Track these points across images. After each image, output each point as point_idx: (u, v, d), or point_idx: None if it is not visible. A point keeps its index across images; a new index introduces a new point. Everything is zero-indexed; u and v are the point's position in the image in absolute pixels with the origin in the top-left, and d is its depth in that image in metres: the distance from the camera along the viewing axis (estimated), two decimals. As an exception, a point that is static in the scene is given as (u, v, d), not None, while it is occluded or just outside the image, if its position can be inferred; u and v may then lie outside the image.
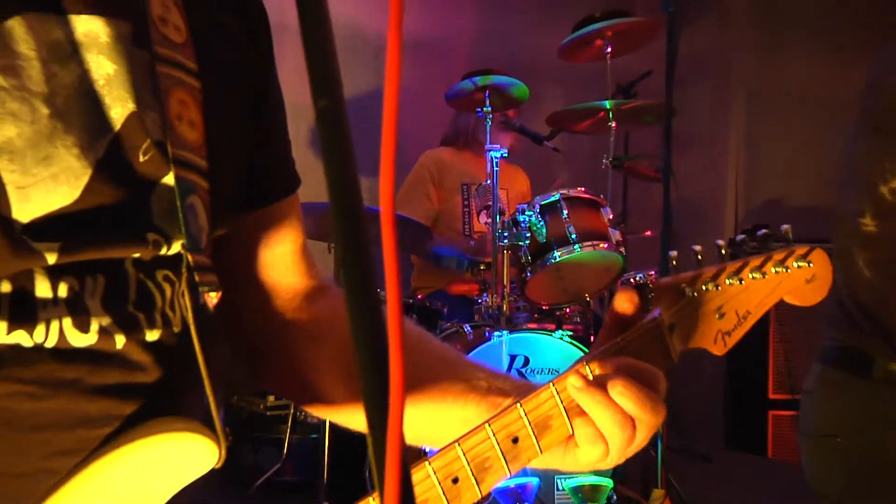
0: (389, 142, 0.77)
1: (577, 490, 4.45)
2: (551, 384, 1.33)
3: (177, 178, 1.27)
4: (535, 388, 1.35)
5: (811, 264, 1.46)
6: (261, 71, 1.52)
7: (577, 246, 4.67)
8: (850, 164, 2.65)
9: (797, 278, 1.46)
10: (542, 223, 4.78)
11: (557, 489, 4.46)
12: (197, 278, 1.31)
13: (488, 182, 4.96)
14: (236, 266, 1.55)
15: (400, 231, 1.64)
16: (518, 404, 1.33)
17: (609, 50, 5.59)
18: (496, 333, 4.47)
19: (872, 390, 2.61)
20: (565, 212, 4.74)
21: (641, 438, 1.33)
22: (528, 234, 4.77)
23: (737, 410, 6.80)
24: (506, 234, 4.79)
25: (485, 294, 5.02)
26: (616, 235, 4.80)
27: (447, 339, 4.61)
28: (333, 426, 4.67)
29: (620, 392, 1.28)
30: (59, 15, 1.20)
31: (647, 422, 1.31)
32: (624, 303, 1.40)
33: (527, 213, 4.83)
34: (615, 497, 4.51)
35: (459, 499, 1.32)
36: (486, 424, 1.32)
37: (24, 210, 1.15)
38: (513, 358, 4.41)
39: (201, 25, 1.35)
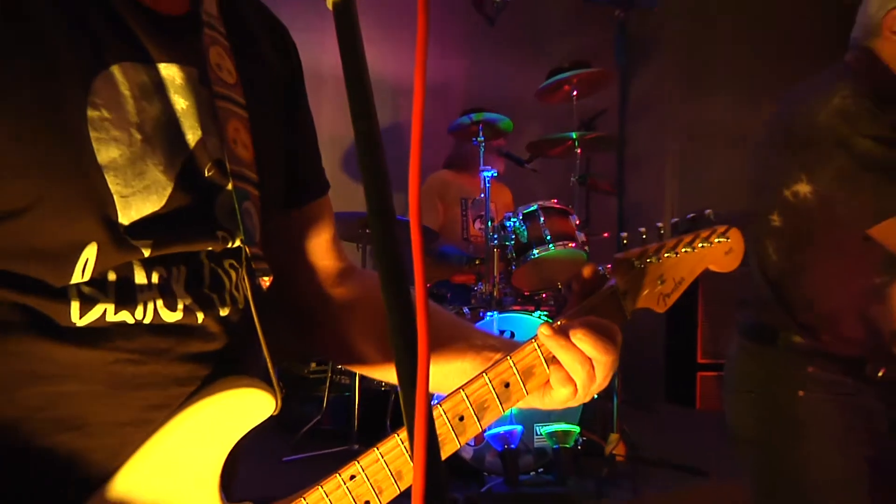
0: (416, 157, 0.77)
1: (552, 434, 4.45)
2: (534, 340, 1.34)
3: (234, 187, 1.29)
4: (519, 345, 1.36)
5: (728, 239, 1.47)
6: (293, 96, 1.52)
7: (551, 245, 4.70)
8: (763, 175, 2.66)
9: (718, 250, 1.47)
10: (524, 227, 4.81)
11: (536, 434, 4.47)
12: (253, 266, 1.33)
13: (482, 196, 5.00)
14: (284, 253, 1.55)
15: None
16: (508, 357, 1.34)
17: (575, 93, 5.58)
18: (489, 314, 4.49)
19: (777, 356, 2.64)
20: (542, 218, 4.77)
21: (601, 378, 1.34)
22: (514, 236, 4.81)
23: (673, 371, 6.84)
24: (495, 237, 4.87)
25: (479, 283, 5.04)
26: (581, 237, 4.83)
27: (450, 318, 4.61)
28: (363, 386, 4.69)
29: (579, 338, 1.30)
30: (147, 63, 1.22)
31: (603, 362, 1.32)
32: (587, 273, 1.42)
33: (512, 219, 4.87)
34: (581, 440, 4.51)
35: (465, 433, 1.33)
36: (484, 373, 1.33)
37: (126, 215, 1.16)
38: (501, 332, 4.40)
39: (246, 68, 1.37)
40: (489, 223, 4.92)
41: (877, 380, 2.60)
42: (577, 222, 4.88)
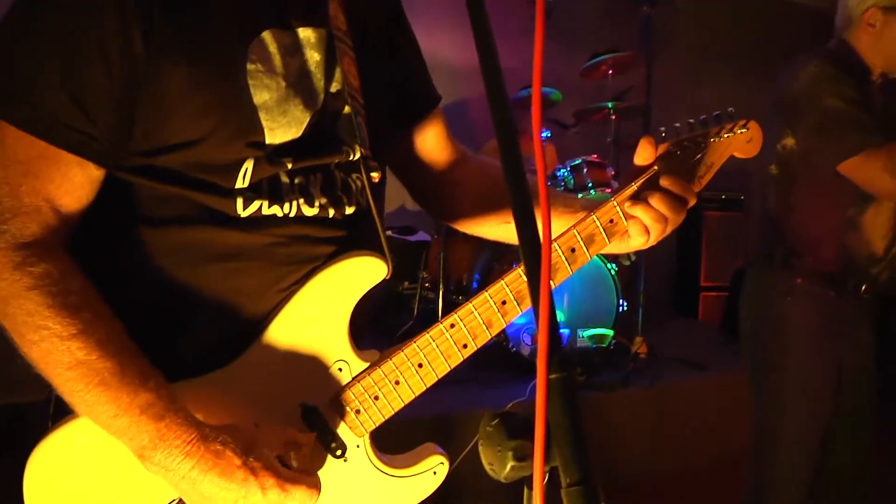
0: (537, 111, 0.77)
1: (591, 337, 4.45)
2: (613, 200, 1.35)
3: (351, 110, 1.32)
4: (601, 204, 1.36)
5: (749, 130, 1.42)
6: (396, 27, 1.53)
7: (592, 191, 4.62)
8: (764, 135, 2.70)
9: (741, 139, 1.42)
10: (571, 177, 4.75)
11: (579, 337, 4.45)
12: (367, 164, 1.34)
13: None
14: (407, 162, 1.59)
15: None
16: (593, 215, 1.34)
17: (610, 72, 5.51)
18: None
19: (773, 272, 2.70)
20: (585, 170, 4.70)
21: (669, 230, 1.35)
22: (563, 184, 4.75)
23: (681, 290, 6.82)
24: (549, 184, 4.74)
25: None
26: (615, 185, 4.73)
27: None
28: (445, 301, 4.65)
29: (657, 201, 1.31)
30: (289, 29, 1.24)
31: (674, 219, 1.33)
32: (644, 149, 1.37)
33: (562, 171, 4.80)
34: (613, 342, 4.51)
35: (576, 262, 1.34)
36: (573, 228, 1.34)
37: (273, 141, 1.21)
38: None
39: (355, 17, 1.36)
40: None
41: (860, 294, 2.60)
42: (612, 173, 4.81)
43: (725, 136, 1.41)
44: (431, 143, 1.60)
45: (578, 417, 0.77)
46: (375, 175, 1.35)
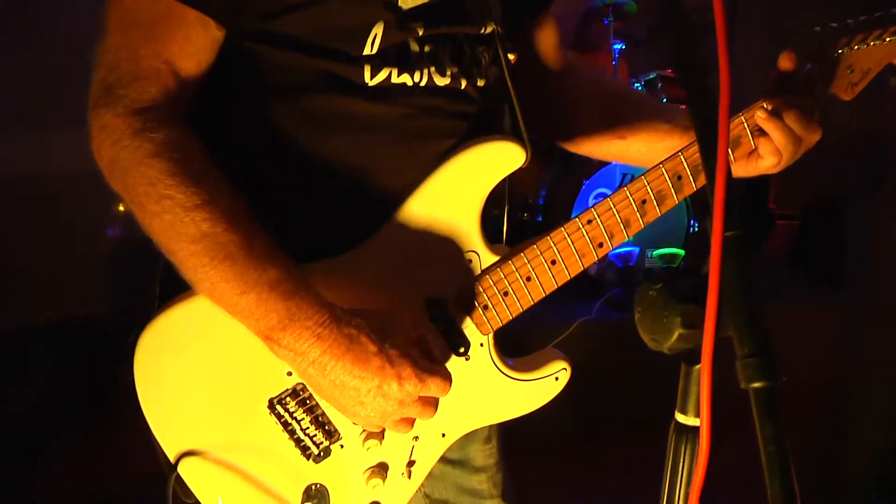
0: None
1: (661, 256, 4.35)
2: (742, 115, 1.26)
3: None
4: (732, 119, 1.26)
5: None
6: None
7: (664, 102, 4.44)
8: None
9: None
10: (645, 91, 4.61)
11: (648, 256, 4.36)
12: (503, 44, 1.26)
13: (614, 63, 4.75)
14: (532, 51, 1.49)
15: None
16: None
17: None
18: (614, 159, 4.29)
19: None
20: (659, 84, 4.56)
21: (802, 151, 1.27)
22: (637, 97, 4.58)
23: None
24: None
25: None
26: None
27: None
28: (511, 216, 4.53)
29: (793, 119, 1.21)
30: None
31: (809, 139, 1.25)
32: (785, 61, 1.28)
33: (636, 84, 4.67)
34: (682, 262, 4.41)
35: (682, 191, 1.26)
36: (680, 155, 1.24)
37: (405, 3, 1.12)
38: (623, 175, 4.27)
39: None
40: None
41: None
42: (688, 90, 4.63)
43: (888, 39, 1.27)
44: (548, 42, 1.50)
45: (754, 283, 0.71)
46: (512, 55, 1.26)
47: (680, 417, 0.91)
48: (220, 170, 1.06)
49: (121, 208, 3.62)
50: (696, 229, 4.48)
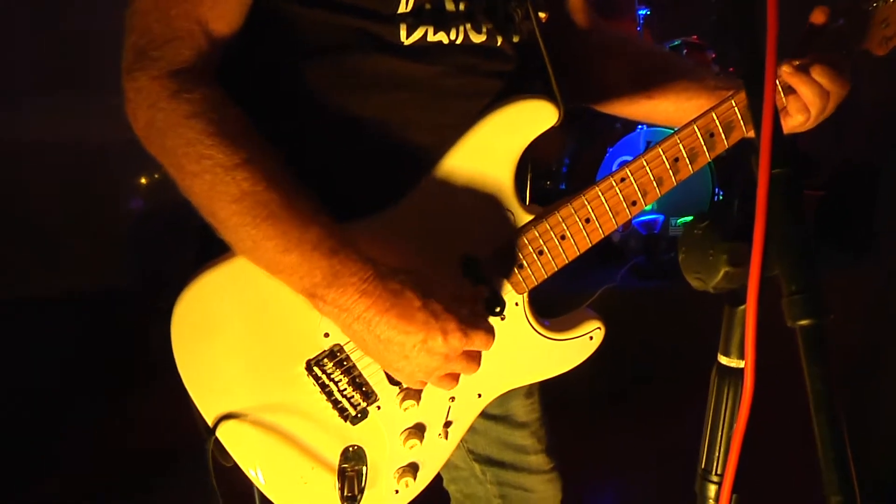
0: None
1: (686, 224, 4.30)
2: None
3: None
4: None
5: None
6: None
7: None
8: None
9: None
10: (670, 56, 4.52)
11: (672, 224, 4.32)
12: (536, 7, 1.24)
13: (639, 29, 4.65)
14: (561, 10, 1.46)
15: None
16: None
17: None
18: (638, 126, 4.21)
19: None
20: (684, 51, 4.45)
21: (831, 109, 1.22)
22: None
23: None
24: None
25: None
26: (715, 69, 4.47)
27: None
28: (534, 183, 4.49)
29: (819, 73, 1.17)
30: None
31: (838, 94, 1.21)
32: (819, 15, 1.24)
33: (660, 51, 4.55)
34: (708, 231, 4.35)
35: (714, 148, 1.23)
36: (731, 98, 1.21)
37: None
38: (648, 142, 4.21)
39: None
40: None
41: None
42: (713, 56, 4.53)
43: None
44: (575, 0, 1.47)
45: (802, 220, 0.69)
46: (543, 14, 1.25)
47: (723, 360, 0.90)
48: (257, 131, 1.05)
49: (143, 181, 3.65)
50: (721, 197, 4.43)
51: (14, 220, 3.31)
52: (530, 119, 1.18)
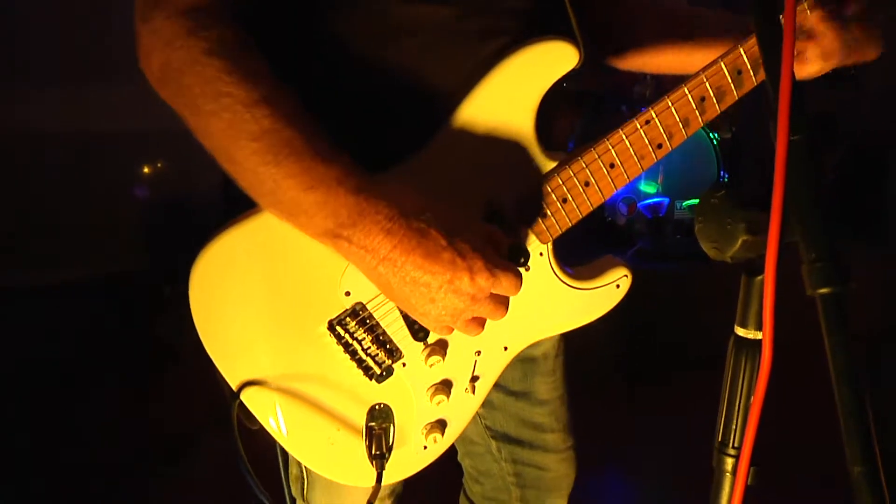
0: None
1: (691, 208, 4.29)
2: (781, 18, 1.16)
3: None
4: None
5: None
6: None
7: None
8: None
9: None
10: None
11: (677, 208, 4.29)
12: None
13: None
14: None
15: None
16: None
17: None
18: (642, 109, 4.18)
19: None
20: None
21: (852, 60, 1.15)
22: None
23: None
24: None
25: (636, 84, 4.66)
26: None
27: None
28: None
29: (858, 30, 1.10)
30: None
31: (867, 56, 1.15)
32: None
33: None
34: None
35: (742, 86, 1.17)
36: (740, 46, 1.15)
37: None
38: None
39: None
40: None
41: None
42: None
43: None
44: None
45: (821, 186, 0.68)
46: None
47: (740, 331, 0.89)
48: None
49: (146, 170, 3.65)
50: (726, 180, 4.40)
51: (26, 208, 3.39)
52: (550, 61, 1.14)
